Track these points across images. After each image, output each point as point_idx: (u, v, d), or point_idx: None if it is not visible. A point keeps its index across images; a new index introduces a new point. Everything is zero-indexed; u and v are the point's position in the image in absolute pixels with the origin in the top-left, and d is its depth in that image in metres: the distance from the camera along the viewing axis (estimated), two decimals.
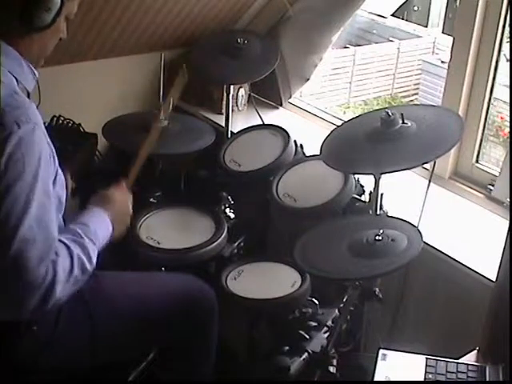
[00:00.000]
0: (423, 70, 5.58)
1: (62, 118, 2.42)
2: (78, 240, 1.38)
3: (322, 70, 3.29)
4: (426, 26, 5.83)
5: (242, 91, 2.74)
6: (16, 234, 1.25)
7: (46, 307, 1.29)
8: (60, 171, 1.45)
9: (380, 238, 1.65)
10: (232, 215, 2.23)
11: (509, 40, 2.11)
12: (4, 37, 1.38)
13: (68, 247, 1.34)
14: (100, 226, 1.47)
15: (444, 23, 5.51)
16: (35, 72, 1.47)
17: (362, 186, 2.09)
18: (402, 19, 5.85)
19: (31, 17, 1.36)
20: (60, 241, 1.34)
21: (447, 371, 1.37)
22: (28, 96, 1.44)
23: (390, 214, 1.93)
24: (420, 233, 1.68)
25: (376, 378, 1.36)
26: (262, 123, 2.49)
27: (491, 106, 2.21)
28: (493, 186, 2.17)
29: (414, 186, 2.18)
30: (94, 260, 1.40)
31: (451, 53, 2.20)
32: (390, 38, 5.80)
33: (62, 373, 1.58)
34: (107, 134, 2.28)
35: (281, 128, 2.29)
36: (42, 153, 1.32)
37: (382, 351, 1.43)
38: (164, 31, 2.62)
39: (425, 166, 2.04)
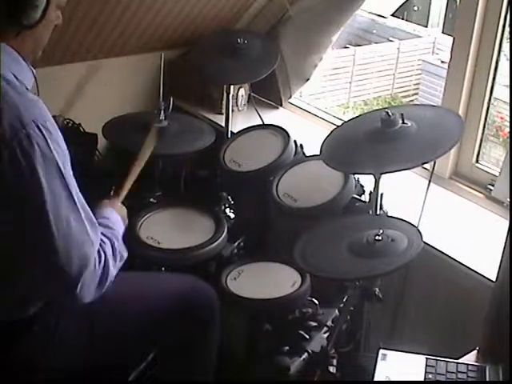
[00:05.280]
0: (423, 70, 5.58)
1: (62, 118, 2.42)
2: (110, 230, 1.51)
3: (321, 69, 3.28)
4: (426, 26, 5.83)
5: (241, 91, 2.74)
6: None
7: (103, 287, 1.40)
8: None
9: (380, 238, 1.65)
10: (232, 215, 2.23)
11: (509, 40, 2.11)
12: None
13: (104, 234, 1.46)
14: (117, 219, 1.60)
15: (444, 23, 5.51)
16: (33, 70, 1.46)
17: (362, 186, 2.08)
18: (402, 19, 5.84)
19: (19, 17, 1.33)
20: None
21: (447, 371, 1.37)
22: None
23: (389, 214, 1.93)
24: (420, 233, 1.67)
25: (376, 378, 1.36)
26: (262, 123, 2.49)
27: (491, 106, 2.21)
28: (493, 185, 2.17)
29: (414, 185, 2.18)
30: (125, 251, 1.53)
31: (451, 53, 2.20)
32: (390, 38, 5.79)
33: (62, 373, 1.58)
34: (107, 134, 2.28)
35: (281, 128, 2.29)
36: (61, 146, 1.36)
37: (381, 351, 1.43)
38: (164, 31, 2.62)
39: (425, 166, 2.04)
